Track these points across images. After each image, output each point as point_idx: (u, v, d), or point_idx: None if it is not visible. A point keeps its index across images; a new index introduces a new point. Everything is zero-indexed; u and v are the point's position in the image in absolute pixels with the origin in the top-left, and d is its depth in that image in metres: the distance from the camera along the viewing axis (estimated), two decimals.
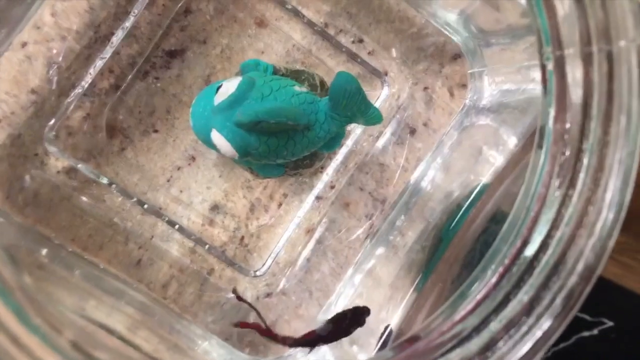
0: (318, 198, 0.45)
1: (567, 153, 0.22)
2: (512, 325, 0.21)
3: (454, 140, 0.44)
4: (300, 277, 0.45)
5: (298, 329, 0.45)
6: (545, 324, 0.20)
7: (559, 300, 0.20)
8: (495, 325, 0.21)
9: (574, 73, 0.22)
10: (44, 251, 0.39)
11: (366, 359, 0.24)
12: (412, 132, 0.46)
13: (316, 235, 0.45)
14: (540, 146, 0.23)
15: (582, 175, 0.22)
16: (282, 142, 0.37)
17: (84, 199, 0.42)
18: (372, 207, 0.46)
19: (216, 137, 0.37)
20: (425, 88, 0.46)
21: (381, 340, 0.40)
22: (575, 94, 0.22)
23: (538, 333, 0.20)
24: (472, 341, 0.21)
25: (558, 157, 0.23)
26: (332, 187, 0.46)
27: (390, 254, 0.42)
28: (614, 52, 0.21)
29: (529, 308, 0.21)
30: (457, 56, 0.46)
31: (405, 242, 0.43)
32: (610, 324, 0.59)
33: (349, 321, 0.40)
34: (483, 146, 0.40)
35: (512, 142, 0.38)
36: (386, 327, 0.40)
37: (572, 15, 0.22)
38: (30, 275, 0.27)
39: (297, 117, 0.36)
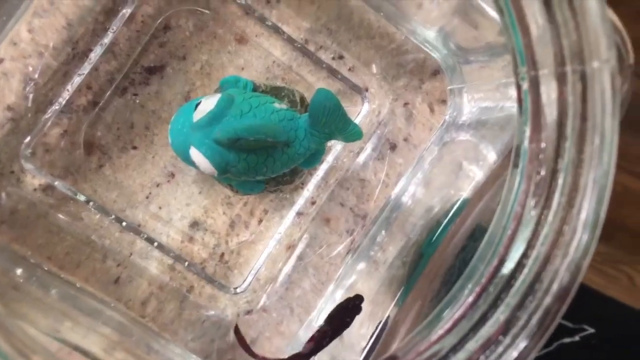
0: (299, 214, 0.45)
1: (543, 172, 0.22)
2: (488, 344, 0.21)
3: (434, 155, 0.44)
4: (281, 294, 0.45)
5: (280, 346, 0.44)
6: (521, 344, 0.20)
7: (534, 321, 0.20)
8: (472, 345, 0.21)
9: (549, 93, 0.22)
10: (19, 271, 0.38)
11: None
12: (393, 147, 0.46)
13: (297, 251, 0.45)
14: (516, 165, 0.24)
15: (557, 195, 0.22)
16: (262, 159, 0.37)
17: (61, 216, 0.41)
18: (353, 223, 0.46)
19: (195, 154, 0.37)
20: (406, 104, 0.46)
21: (375, 333, 0.40)
22: (550, 113, 0.22)
23: (514, 354, 0.20)
24: None
25: (533, 176, 0.23)
26: (313, 203, 0.45)
27: (372, 269, 0.42)
28: (588, 72, 0.21)
29: (505, 328, 0.21)
30: (436, 72, 0.46)
31: (386, 258, 0.43)
32: (591, 330, 0.60)
33: (345, 314, 0.40)
34: (463, 161, 0.40)
35: (491, 157, 0.38)
36: (380, 322, 0.41)
37: (546, 35, 0.22)
38: (4, 297, 0.27)
39: (276, 134, 0.36)
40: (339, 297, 0.44)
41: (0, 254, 0.39)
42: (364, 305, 0.40)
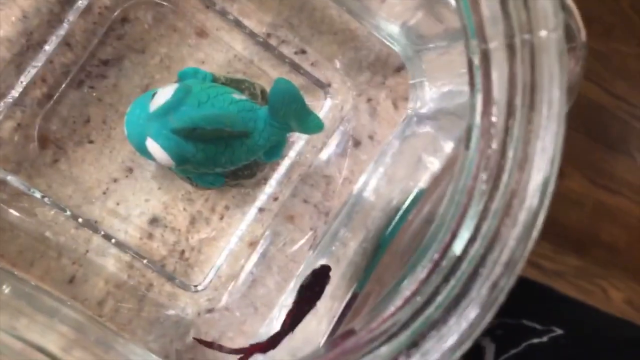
0: (261, 210, 0.44)
1: (494, 146, 0.22)
2: (439, 319, 0.21)
3: (395, 149, 0.44)
4: (244, 292, 0.44)
5: (243, 346, 0.43)
6: (472, 314, 0.20)
7: (484, 291, 0.20)
8: (422, 320, 0.21)
9: (500, 66, 0.22)
10: None
11: (300, 357, 0.24)
12: (357, 144, 0.46)
13: (259, 248, 0.44)
14: (467, 147, 0.23)
15: (508, 166, 0.22)
16: (220, 150, 0.37)
17: (14, 212, 0.40)
18: (317, 220, 0.45)
19: (151, 145, 0.36)
20: (369, 100, 0.46)
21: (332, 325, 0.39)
22: (501, 87, 0.22)
23: (464, 324, 0.20)
24: (400, 336, 0.20)
25: (485, 150, 0.22)
26: (276, 199, 0.45)
27: (333, 265, 0.42)
28: (535, 42, 0.21)
29: (456, 300, 0.21)
30: (399, 68, 0.46)
31: (346, 252, 0.42)
32: (560, 332, 0.60)
33: (315, 284, 0.39)
34: (422, 153, 0.40)
35: (448, 147, 0.38)
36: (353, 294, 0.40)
37: (496, 8, 0.22)
38: None
39: (234, 124, 0.36)
40: None
41: None
42: (322, 299, 0.40)
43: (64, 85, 0.41)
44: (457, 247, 0.22)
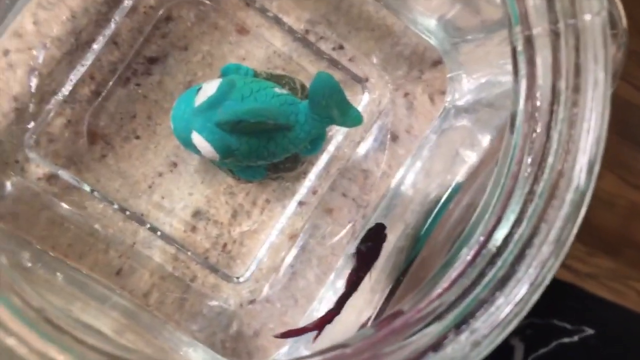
0: (301, 203, 0.45)
1: (538, 130, 0.23)
2: (486, 299, 0.21)
3: (432, 143, 0.44)
4: (284, 284, 0.45)
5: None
6: (520, 293, 0.20)
7: (532, 270, 0.20)
8: (470, 300, 0.21)
9: (543, 51, 0.23)
10: (26, 255, 0.38)
11: (348, 338, 0.24)
12: (394, 138, 0.46)
13: (299, 241, 0.45)
14: (511, 130, 0.24)
15: (553, 149, 0.22)
16: (263, 143, 0.38)
17: (65, 205, 0.42)
18: (355, 213, 0.46)
19: (197, 138, 0.37)
20: (406, 94, 0.47)
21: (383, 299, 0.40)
22: (545, 72, 0.23)
23: (512, 303, 0.20)
24: (449, 315, 0.21)
25: (530, 134, 0.23)
26: (315, 193, 0.46)
27: None
28: (579, 26, 0.21)
29: (503, 281, 0.21)
30: (436, 62, 0.46)
31: (385, 245, 0.43)
32: (590, 332, 0.59)
33: (372, 245, 0.40)
34: (459, 147, 0.40)
35: (485, 140, 0.38)
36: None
37: None
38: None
39: (277, 117, 0.37)
40: (339, 285, 0.44)
41: (7, 239, 0.39)
42: (362, 292, 0.40)
43: (111, 83, 0.42)
44: (503, 230, 0.23)
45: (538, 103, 0.23)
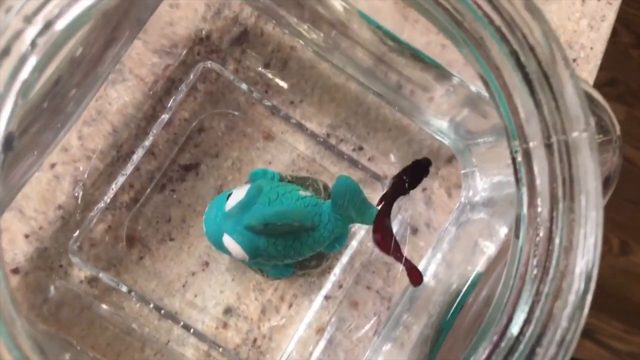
0: (327, 297, 0.47)
1: (541, 234, 0.25)
2: None
3: (452, 235, 0.46)
4: None
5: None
6: None
7: None
8: None
9: (540, 162, 0.25)
10: (67, 356, 0.40)
11: None
12: (414, 231, 0.48)
13: (326, 335, 0.47)
14: (517, 235, 0.26)
15: (555, 253, 0.24)
16: (289, 243, 0.40)
17: (104, 306, 0.44)
18: (380, 305, 0.47)
19: (227, 240, 0.40)
20: (424, 189, 0.49)
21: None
22: (543, 180, 0.25)
23: None
24: None
25: (533, 238, 0.25)
26: (340, 287, 0.47)
27: (397, 349, 0.43)
28: (569, 141, 0.24)
29: None
30: (451, 158, 0.49)
31: (410, 337, 0.44)
32: None
33: (415, 172, 0.41)
34: (478, 238, 0.42)
35: (503, 231, 0.40)
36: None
37: (532, 112, 0.25)
38: None
39: (302, 219, 0.39)
40: None
41: (50, 342, 0.41)
42: None
43: (148, 190, 0.45)
44: (514, 329, 0.24)
45: (539, 209, 0.25)
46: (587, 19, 0.54)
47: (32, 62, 0.22)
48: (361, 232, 0.48)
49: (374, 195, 0.49)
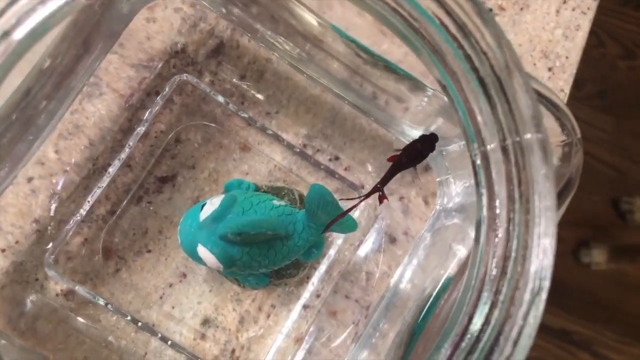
0: (305, 307, 0.47)
1: (500, 235, 0.25)
2: None
3: (427, 242, 0.46)
4: None
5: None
6: None
7: None
8: None
9: (497, 164, 0.26)
10: None
11: None
12: (392, 240, 0.49)
13: (305, 344, 0.47)
14: (477, 239, 0.26)
15: (513, 253, 0.24)
16: (264, 252, 0.40)
17: (81, 319, 0.44)
18: (358, 314, 0.47)
19: (202, 251, 0.40)
20: (401, 198, 0.50)
21: None
22: (500, 183, 0.26)
23: None
24: None
25: (492, 239, 0.25)
26: (318, 296, 0.48)
27: (374, 356, 0.44)
28: (523, 143, 0.24)
29: None
30: (427, 167, 0.50)
31: (385, 343, 0.44)
32: None
33: (422, 146, 0.41)
34: (452, 243, 0.43)
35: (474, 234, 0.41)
36: None
37: (488, 115, 0.26)
38: None
39: (275, 227, 0.40)
40: None
41: (27, 355, 0.41)
42: None
43: (125, 202, 0.46)
44: (474, 328, 0.25)
45: (497, 211, 0.25)
46: (562, 28, 0.55)
47: None
48: (338, 241, 0.48)
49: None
